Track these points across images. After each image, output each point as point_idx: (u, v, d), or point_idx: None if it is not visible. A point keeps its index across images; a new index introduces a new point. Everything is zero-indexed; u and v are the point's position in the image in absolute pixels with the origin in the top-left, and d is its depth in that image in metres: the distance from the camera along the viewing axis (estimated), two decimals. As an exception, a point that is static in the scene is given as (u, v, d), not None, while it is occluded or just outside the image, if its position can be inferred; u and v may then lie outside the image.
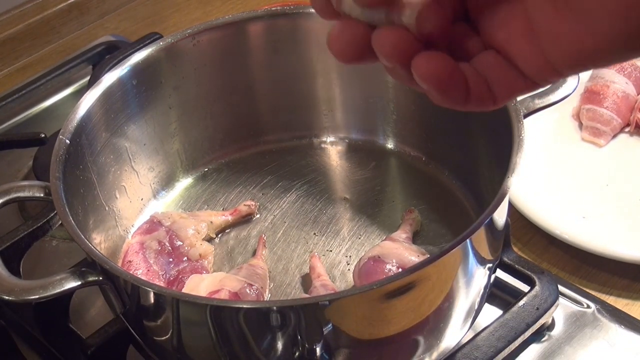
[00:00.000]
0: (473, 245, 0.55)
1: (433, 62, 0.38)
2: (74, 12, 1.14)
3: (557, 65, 0.37)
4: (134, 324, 0.62)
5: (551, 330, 0.66)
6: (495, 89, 0.39)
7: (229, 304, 0.55)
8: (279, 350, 0.54)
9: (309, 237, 0.72)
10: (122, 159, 0.72)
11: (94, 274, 0.56)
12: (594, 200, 0.76)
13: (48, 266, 0.77)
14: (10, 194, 0.62)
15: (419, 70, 0.38)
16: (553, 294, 0.65)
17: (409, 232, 0.69)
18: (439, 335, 0.58)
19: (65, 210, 0.58)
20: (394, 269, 0.62)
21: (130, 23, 1.15)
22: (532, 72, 0.39)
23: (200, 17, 1.14)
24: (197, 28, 0.74)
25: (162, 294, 0.54)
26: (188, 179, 0.79)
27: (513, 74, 0.39)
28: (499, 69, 0.39)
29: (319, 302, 0.51)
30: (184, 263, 0.68)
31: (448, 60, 0.38)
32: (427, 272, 0.52)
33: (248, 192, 0.77)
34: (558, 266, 0.73)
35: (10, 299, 0.55)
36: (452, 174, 0.75)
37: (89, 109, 0.67)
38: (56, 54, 1.10)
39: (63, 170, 0.62)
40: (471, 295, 0.59)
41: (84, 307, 0.72)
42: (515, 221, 0.75)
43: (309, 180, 0.78)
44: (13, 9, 1.12)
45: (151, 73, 0.73)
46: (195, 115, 0.77)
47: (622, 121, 0.82)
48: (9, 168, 0.91)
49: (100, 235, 0.68)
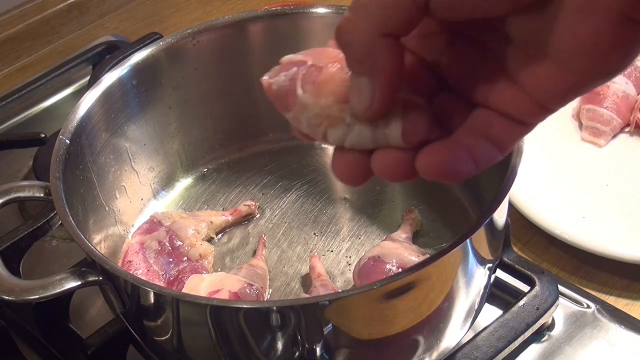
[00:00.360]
0: (473, 245, 0.55)
1: (434, 158, 0.39)
2: (74, 12, 1.14)
3: (546, 103, 0.39)
4: (134, 324, 0.62)
5: (551, 330, 0.66)
6: (497, 140, 0.40)
7: (229, 304, 0.55)
8: (279, 350, 0.54)
9: (309, 237, 0.72)
10: (122, 159, 0.72)
11: (94, 274, 0.56)
12: (594, 200, 0.76)
13: (48, 266, 0.77)
14: (10, 194, 0.62)
15: (425, 170, 0.39)
16: (553, 294, 0.65)
17: (409, 232, 0.69)
18: (439, 335, 0.58)
19: (65, 210, 0.58)
20: (394, 269, 0.62)
21: (130, 23, 1.15)
22: (525, 116, 0.40)
23: (200, 17, 1.14)
24: (197, 28, 0.74)
25: (162, 294, 0.54)
26: (188, 179, 0.79)
27: (507, 121, 0.40)
28: (495, 122, 0.40)
29: (319, 302, 0.51)
30: (184, 263, 0.68)
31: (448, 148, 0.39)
32: (427, 272, 0.52)
33: (248, 192, 0.77)
34: (558, 266, 0.73)
35: (10, 299, 0.55)
36: (452, 174, 0.74)
37: (89, 109, 0.67)
38: (56, 54, 1.10)
39: (63, 170, 0.62)
40: (471, 295, 0.59)
41: (84, 307, 0.72)
42: (515, 221, 0.75)
43: (309, 180, 0.78)
44: (13, 9, 1.12)
45: (151, 73, 0.73)
46: (195, 115, 0.77)
47: (622, 121, 0.82)
48: (9, 168, 0.91)
49: (100, 235, 0.68)
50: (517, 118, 0.40)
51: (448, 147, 0.39)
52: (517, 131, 0.41)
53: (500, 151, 0.41)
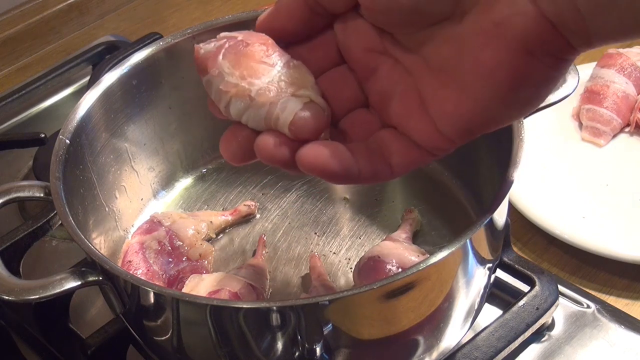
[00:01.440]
0: (473, 245, 0.55)
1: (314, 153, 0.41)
2: (74, 12, 1.14)
3: (449, 134, 0.41)
4: (134, 324, 0.62)
5: (551, 330, 0.66)
6: (392, 161, 0.43)
7: (229, 304, 0.55)
8: (279, 350, 0.54)
9: (309, 237, 0.72)
10: (122, 159, 0.72)
11: (94, 274, 0.56)
12: (594, 200, 0.76)
13: (48, 266, 0.77)
14: (10, 194, 0.62)
15: (301, 162, 0.41)
16: (553, 294, 0.65)
17: (409, 232, 0.69)
18: (439, 335, 0.58)
19: (65, 210, 0.58)
20: (394, 269, 0.62)
21: (130, 23, 1.15)
22: (427, 143, 0.42)
23: (200, 17, 1.14)
24: (197, 28, 0.73)
25: (162, 294, 0.54)
26: (188, 179, 0.79)
27: (409, 145, 0.42)
28: (395, 143, 0.43)
29: (319, 302, 0.51)
30: (184, 263, 0.68)
31: (332, 150, 0.41)
32: (427, 272, 0.52)
33: (248, 192, 0.77)
34: (558, 266, 0.73)
35: (10, 299, 0.55)
36: (452, 174, 0.75)
37: (89, 109, 0.67)
38: (56, 54, 1.10)
39: (63, 170, 0.62)
40: (471, 295, 0.59)
41: (84, 307, 0.72)
42: (515, 221, 0.75)
43: (309, 180, 0.78)
44: (13, 9, 1.12)
45: (151, 73, 0.73)
46: (195, 115, 0.77)
47: (622, 121, 0.82)
48: (9, 168, 0.91)
49: (100, 235, 0.68)
50: (419, 143, 0.42)
51: (333, 148, 0.41)
52: (413, 157, 0.42)
53: (390, 172, 0.43)
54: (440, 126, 0.40)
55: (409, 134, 0.42)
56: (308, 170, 0.41)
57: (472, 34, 0.38)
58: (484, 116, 0.39)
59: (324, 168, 0.41)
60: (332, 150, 0.41)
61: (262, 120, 0.43)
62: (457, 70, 0.38)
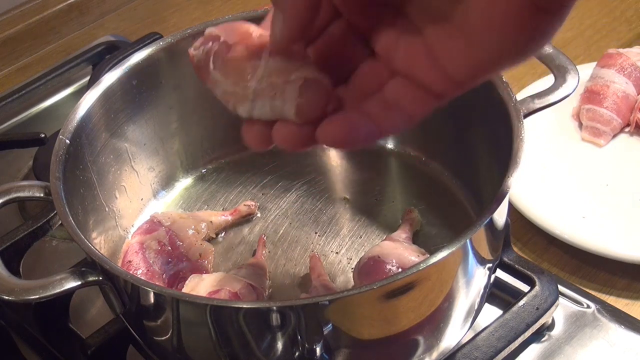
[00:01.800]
0: (473, 245, 0.55)
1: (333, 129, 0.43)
2: (74, 12, 1.14)
3: (458, 78, 0.42)
4: (134, 324, 0.62)
5: (551, 330, 0.66)
6: (408, 108, 0.44)
7: (229, 304, 0.55)
8: (279, 350, 0.54)
9: (309, 237, 0.72)
10: (122, 159, 0.72)
11: (94, 274, 0.56)
12: (594, 200, 0.76)
13: (48, 266, 0.77)
14: (10, 194, 0.62)
15: (324, 140, 0.44)
16: (553, 294, 0.65)
17: (409, 232, 0.69)
18: (439, 335, 0.58)
19: (65, 210, 0.58)
20: (394, 269, 0.62)
21: (130, 23, 1.15)
22: (437, 87, 0.43)
23: (200, 17, 1.14)
24: (197, 28, 0.73)
25: (162, 294, 0.54)
26: (188, 179, 0.79)
27: (422, 93, 0.43)
28: (408, 91, 0.43)
29: (319, 302, 0.51)
30: (184, 263, 0.68)
31: (347, 120, 0.44)
32: (427, 272, 0.52)
33: (248, 192, 0.77)
34: (558, 266, 0.73)
35: (10, 299, 0.55)
36: (452, 174, 0.75)
37: (89, 109, 0.67)
38: (56, 54, 1.10)
39: (63, 170, 0.62)
40: (471, 295, 0.59)
41: (84, 307, 0.72)
42: (515, 221, 0.75)
43: (309, 180, 0.78)
44: (13, 9, 1.12)
45: (151, 73, 0.73)
46: (195, 115, 0.77)
47: (622, 121, 0.82)
48: (9, 168, 0.91)
49: (100, 235, 0.68)
50: (432, 89, 0.43)
51: (347, 118, 0.44)
52: (429, 102, 0.44)
53: (410, 119, 0.44)
54: (450, 72, 0.41)
55: (419, 79, 0.43)
56: (332, 145, 0.46)
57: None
58: (493, 62, 0.41)
59: (347, 139, 0.44)
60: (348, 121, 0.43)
61: (270, 114, 0.45)
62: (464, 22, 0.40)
